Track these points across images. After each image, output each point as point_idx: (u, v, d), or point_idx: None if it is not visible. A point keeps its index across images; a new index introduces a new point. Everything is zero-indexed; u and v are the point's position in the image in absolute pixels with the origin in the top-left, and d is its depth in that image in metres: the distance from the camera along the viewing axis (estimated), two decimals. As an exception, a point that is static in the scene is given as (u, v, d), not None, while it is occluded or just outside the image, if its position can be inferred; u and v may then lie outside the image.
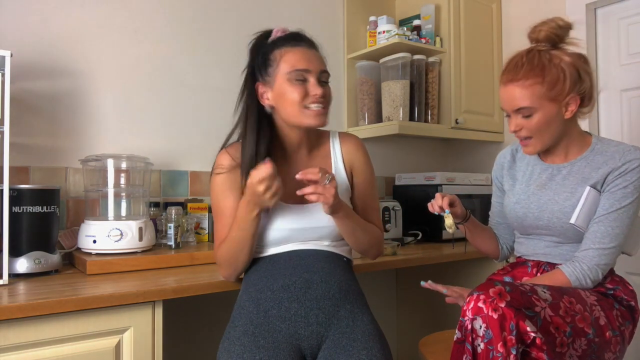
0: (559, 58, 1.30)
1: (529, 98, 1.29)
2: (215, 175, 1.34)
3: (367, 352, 1.17)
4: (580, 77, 1.31)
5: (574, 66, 1.30)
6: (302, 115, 1.28)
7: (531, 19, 1.41)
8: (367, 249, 1.42)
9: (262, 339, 1.19)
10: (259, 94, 1.32)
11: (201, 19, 2.08)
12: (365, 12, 2.54)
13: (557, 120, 1.32)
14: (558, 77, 1.28)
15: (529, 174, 1.46)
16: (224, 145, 1.38)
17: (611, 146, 1.35)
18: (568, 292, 1.23)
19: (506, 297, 1.11)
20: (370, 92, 2.43)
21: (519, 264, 1.48)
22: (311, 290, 1.24)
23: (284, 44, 1.30)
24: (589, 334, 1.19)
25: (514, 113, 1.33)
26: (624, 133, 2.28)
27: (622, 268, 1.45)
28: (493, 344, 1.10)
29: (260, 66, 1.31)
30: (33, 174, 1.71)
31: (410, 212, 2.29)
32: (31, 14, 1.74)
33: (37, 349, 1.16)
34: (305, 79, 1.28)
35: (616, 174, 1.30)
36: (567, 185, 1.36)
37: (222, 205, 1.33)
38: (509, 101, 1.33)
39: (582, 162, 1.37)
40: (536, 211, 1.39)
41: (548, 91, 1.28)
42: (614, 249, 1.29)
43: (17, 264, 1.40)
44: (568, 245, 1.37)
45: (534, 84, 1.29)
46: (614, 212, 1.29)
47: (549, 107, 1.30)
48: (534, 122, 1.31)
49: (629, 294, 1.35)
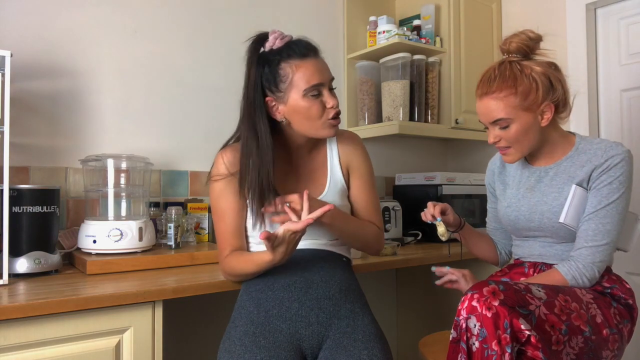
0: (530, 68, 1.32)
1: (503, 109, 1.31)
2: (212, 181, 1.35)
3: (368, 351, 1.17)
4: (552, 85, 1.32)
5: (545, 75, 1.32)
6: (320, 128, 1.30)
7: (531, 18, 1.42)
8: (364, 247, 1.44)
9: (263, 339, 1.19)
10: (270, 107, 1.30)
11: (201, 19, 2.08)
12: (365, 12, 2.54)
13: (534, 129, 1.34)
14: (530, 86, 1.30)
15: (519, 177, 1.48)
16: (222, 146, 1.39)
17: (594, 144, 1.37)
18: (563, 291, 1.23)
19: (500, 296, 1.12)
20: (370, 92, 2.43)
21: (516, 265, 1.49)
22: (312, 290, 1.24)
23: (291, 57, 1.27)
24: (585, 332, 1.19)
25: (492, 125, 1.36)
26: (624, 133, 2.28)
27: (621, 268, 1.45)
28: (487, 342, 1.10)
29: (269, 80, 1.28)
30: (33, 174, 1.71)
31: (410, 212, 2.29)
32: (31, 14, 1.74)
33: (37, 349, 1.16)
34: (320, 93, 1.28)
35: (600, 170, 1.32)
36: (555, 185, 1.38)
37: (222, 207, 1.34)
38: (485, 114, 1.35)
39: (567, 162, 1.38)
40: (527, 213, 1.41)
41: (522, 101, 1.30)
42: (607, 245, 1.30)
43: (17, 264, 1.40)
44: (562, 245, 1.38)
45: (507, 95, 1.31)
46: (602, 208, 1.30)
47: (524, 116, 1.31)
48: (511, 132, 1.33)
49: (627, 292, 1.35)
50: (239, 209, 1.34)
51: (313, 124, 1.29)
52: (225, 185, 1.33)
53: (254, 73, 1.29)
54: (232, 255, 1.32)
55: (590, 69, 2.33)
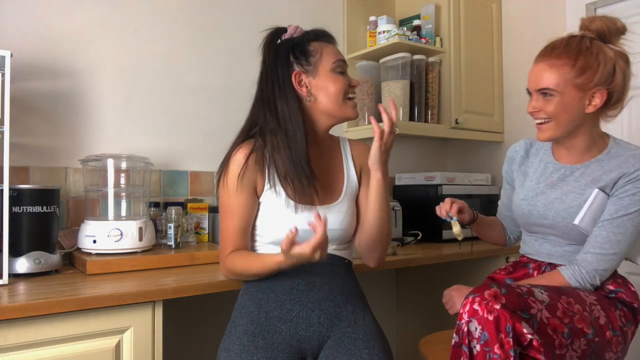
0: (599, 48, 1.26)
1: (554, 79, 1.26)
2: (230, 171, 1.30)
3: (368, 351, 1.17)
4: (614, 73, 1.26)
5: (612, 60, 1.26)
6: (344, 106, 1.32)
7: (531, 18, 1.42)
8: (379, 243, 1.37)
9: (262, 339, 1.19)
10: (296, 82, 1.31)
11: (201, 19, 2.08)
12: (365, 12, 2.54)
13: (577, 111, 1.28)
14: (591, 64, 1.24)
15: (541, 171, 1.43)
16: (235, 142, 1.35)
17: (628, 150, 1.32)
18: (567, 293, 1.22)
19: (501, 300, 1.11)
20: (370, 92, 2.43)
21: (521, 264, 1.47)
22: (313, 292, 1.24)
23: (319, 39, 1.34)
24: (588, 334, 1.18)
25: (536, 92, 1.31)
26: (624, 133, 2.28)
27: (621, 268, 1.44)
28: (489, 345, 1.09)
29: (298, 56, 1.32)
30: (33, 174, 1.71)
31: (410, 212, 2.29)
32: (31, 14, 1.74)
33: (37, 349, 1.16)
34: (344, 71, 1.34)
35: (627, 179, 1.27)
36: (578, 186, 1.33)
37: (234, 204, 1.30)
38: (535, 80, 1.30)
39: (596, 164, 1.34)
40: (542, 209, 1.37)
41: (576, 76, 1.25)
42: (614, 255, 1.27)
43: (17, 264, 1.40)
44: (572, 247, 1.36)
45: (563, 65, 1.25)
46: (618, 218, 1.26)
47: (572, 93, 1.26)
48: (552, 105, 1.27)
49: (631, 296, 1.33)
50: (251, 207, 1.31)
51: (339, 99, 1.31)
52: (240, 182, 1.29)
53: (273, 54, 1.33)
54: (236, 253, 1.31)
55: (590, 69, 2.33)
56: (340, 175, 1.39)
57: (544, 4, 2.47)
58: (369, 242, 1.37)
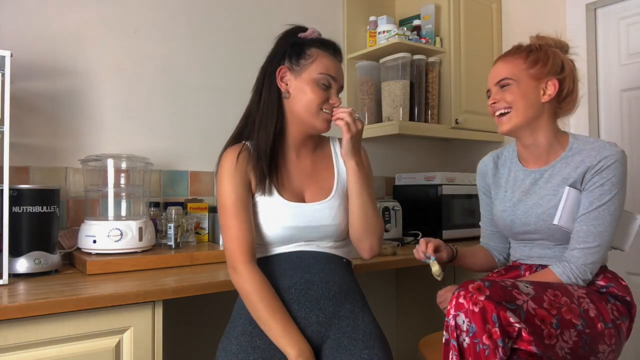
0: (547, 47, 1.38)
1: (510, 70, 1.38)
2: (224, 169, 1.30)
3: (368, 351, 1.17)
4: (563, 66, 1.38)
5: (560, 56, 1.38)
6: (315, 117, 1.30)
7: (531, 18, 1.44)
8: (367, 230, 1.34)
9: (259, 340, 1.19)
10: (279, 75, 1.32)
11: (201, 19, 2.08)
12: (365, 12, 2.54)
13: (533, 97, 1.37)
14: (541, 58, 1.37)
15: (513, 180, 1.47)
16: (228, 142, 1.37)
17: (588, 144, 1.37)
18: (553, 286, 1.23)
19: (485, 292, 1.13)
20: (370, 92, 2.43)
21: (513, 267, 1.49)
22: (311, 291, 1.24)
23: (322, 47, 1.33)
24: (577, 325, 1.19)
25: (495, 87, 1.41)
26: (623, 133, 2.28)
27: (621, 267, 1.45)
28: (478, 337, 1.11)
29: (292, 53, 1.32)
30: (33, 174, 1.71)
31: (410, 212, 2.29)
32: (31, 14, 1.74)
33: (37, 349, 1.16)
34: (329, 86, 1.32)
35: (593, 171, 1.31)
36: (550, 187, 1.38)
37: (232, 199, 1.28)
38: (492, 76, 1.42)
39: (561, 163, 1.38)
40: (523, 217, 1.41)
41: (529, 67, 1.36)
42: (599, 247, 1.30)
43: (17, 264, 1.40)
44: (561, 247, 1.38)
45: (517, 58, 1.39)
46: (594, 210, 1.30)
47: (527, 81, 1.36)
48: (510, 92, 1.37)
49: (623, 290, 1.35)
50: (249, 203, 1.29)
51: (311, 108, 1.30)
52: (235, 177, 1.28)
53: (278, 45, 1.36)
54: (257, 276, 1.22)
55: (590, 69, 2.33)
56: (330, 173, 1.39)
57: (544, 4, 2.47)
58: (357, 231, 1.35)
